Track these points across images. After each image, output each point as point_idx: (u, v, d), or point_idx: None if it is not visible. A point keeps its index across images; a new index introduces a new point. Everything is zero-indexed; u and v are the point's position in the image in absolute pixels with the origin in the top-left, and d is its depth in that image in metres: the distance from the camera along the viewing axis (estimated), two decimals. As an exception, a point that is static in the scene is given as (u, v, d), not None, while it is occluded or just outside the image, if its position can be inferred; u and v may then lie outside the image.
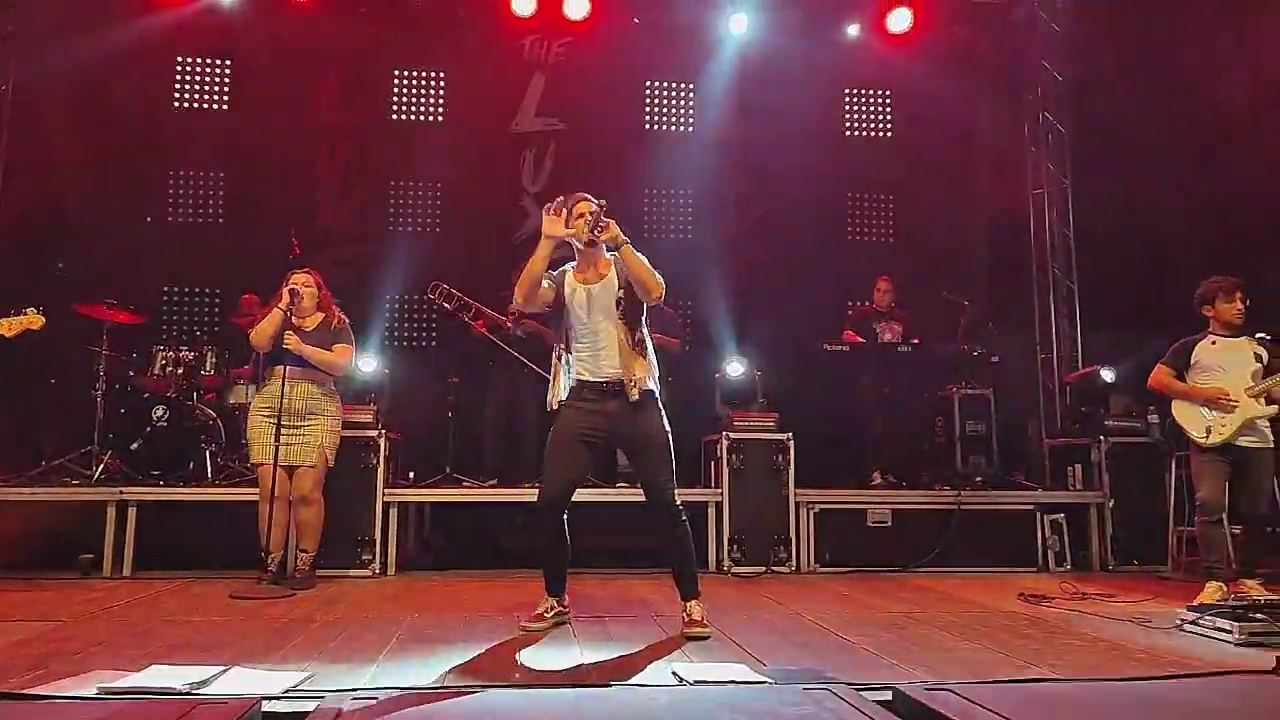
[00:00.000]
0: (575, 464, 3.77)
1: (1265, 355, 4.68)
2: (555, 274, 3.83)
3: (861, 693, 2.44)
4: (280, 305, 4.79)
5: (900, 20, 8.19)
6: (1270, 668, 2.99)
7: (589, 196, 3.79)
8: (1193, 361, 4.79)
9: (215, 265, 7.77)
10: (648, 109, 8.59)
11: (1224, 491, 4.67)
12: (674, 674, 2.94)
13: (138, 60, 7.64)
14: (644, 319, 3.79)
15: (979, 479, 6.51)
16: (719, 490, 5.85)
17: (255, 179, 7.82)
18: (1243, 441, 4.60)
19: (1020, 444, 7.35)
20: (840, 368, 6.84)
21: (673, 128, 8.62)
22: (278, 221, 6.61)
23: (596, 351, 3.74)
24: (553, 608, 3.89)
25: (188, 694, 2.54)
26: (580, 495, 6.00)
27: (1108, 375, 6.78)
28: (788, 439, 5.91)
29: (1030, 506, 6.14)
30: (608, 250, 3.75)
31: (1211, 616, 3.73)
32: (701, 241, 8.41)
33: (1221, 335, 4.76)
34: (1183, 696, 2.55)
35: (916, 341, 6.78)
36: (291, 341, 4.75)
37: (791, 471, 5.87)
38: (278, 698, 2.51)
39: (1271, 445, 4.62)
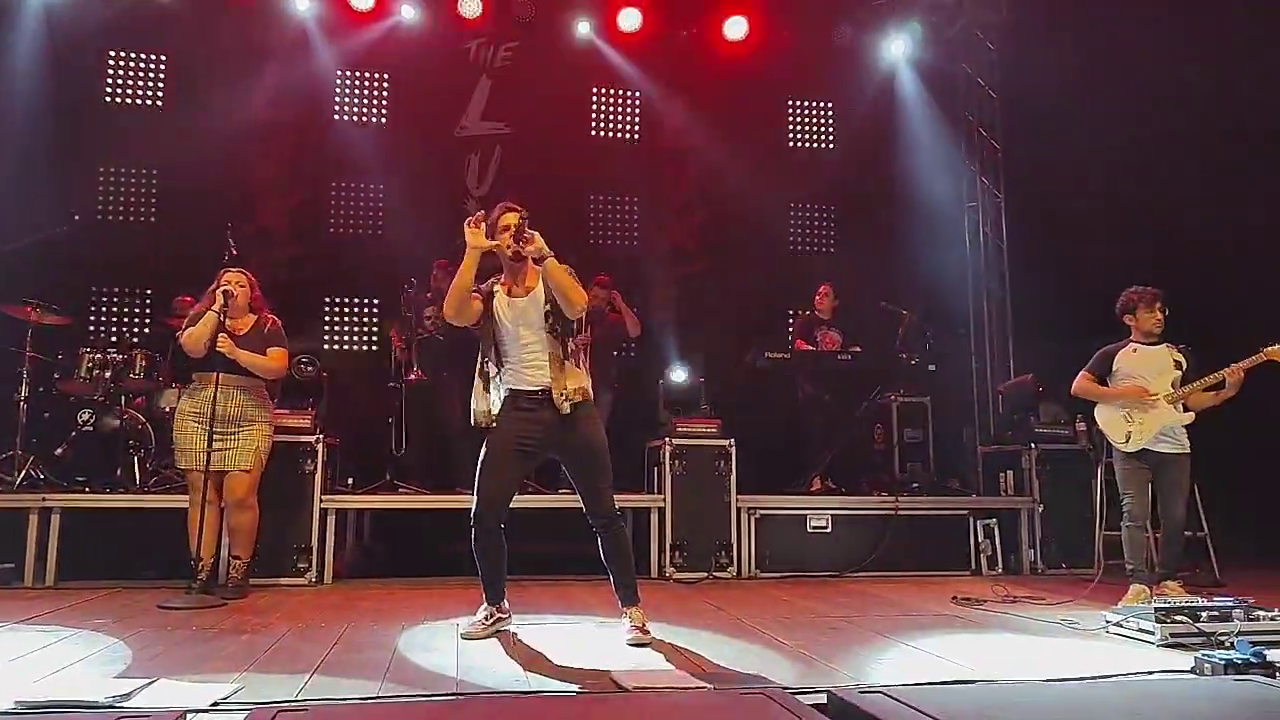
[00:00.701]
0: (511, 473, 3.74)
1: (1184, 362, 4.85)
2: (484, 286, 3.79)
3: (797, 696, 2.47)
4: (214, 307, 4.67)
5: (842, 35, 8.37)
6: (1190, 668, 3.11)
7: (514, 207, 3.77)
8: (1114, 369, 4.95)
9: (146, 265, 7.56)
10: (594, 115, 8.60)
11: (1149, 497, 4.83)
12: (613, 680, 2.94)
13: (68, 53, 7.41)
14: (575, 330, 3.74)
15: (916, 485, 6.65)
16: (661, 496, 5.86)
17: (190, 177, 7.61)
18: (1160, 448, 4.76)
19: (956, 451, 7.51)
20: (781, 375, 6.93)
21: (618, 135, 8.63)
22: (213, 221, 6.45)
23: (527, 365, 3.70)
24: (492, 615, 3.85)
25: (109, 708, 2.46)
26: (524, 501, 6.04)
27: (1035, 385, 6.98)
28: (730, 445, 5.95)
29: (964, 512, 6.28)
30: (534, 262, 3.69)
31: (1135, 619, 3.85)
32: (646, 249, 8.44)
33: (1142, 343, 4.93)
34: (1108, 696, 2.63)
35: (856, 350, 6.91)
36: (225, 345, 4.62)
37: (733, 477, 5.92)
38: (204, 711, 2.45)
39: (1187, 451, 4.78)
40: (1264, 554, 6.41)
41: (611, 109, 8.63)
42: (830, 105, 8.97)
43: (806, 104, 8.96)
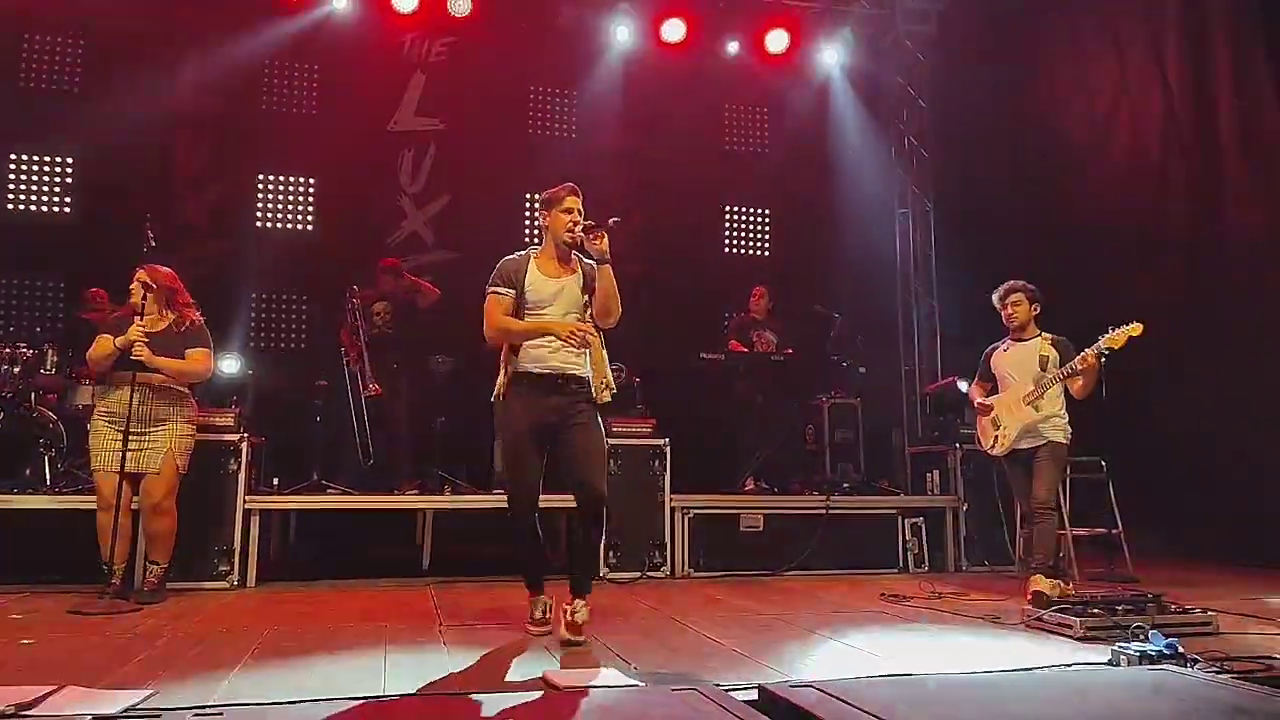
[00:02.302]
0: (535, 461, 3.68)
1: (1054, 355, 4.94)
2: (515, 261, 3.72)
3: (729, 693, 2.47)
4: (133, 301, 4.50)
5: (777, 41, 8.47)
6: (1107, 659, 3.21)
7: (578, 190, 3.72)
8: (991, 369, 5.14)
9: (60, 257, 7.25)
10: (530, 113, 8.54)
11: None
12: (545, 680, 2.91)
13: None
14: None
15: (846, 485, 6.74)
16: (595, 496, 5.83)
17: (108, 166, 7.34)
18: (1024, 445, 4.92)
19: (885, 451, 7.65)
20: (715, 376, 6.97)
21: (555, 133, 8.59)
22: (132, 212, 6.21)
23: (557, 348, 3.61)
24: (550, 607, 3.83)
25: (11, 716, 2.34)
26: (455, 503, 5.98)
27: (963, 386, 7.14)
28: (664, 445, 5.96)
29: (893, 511, 6.40)
30: (593, 260, 3.65)
31: (1055, 613, 3.96)
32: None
33: (1014, 341, 5.10)
34: (1031, 687, 2.70)
35: (789, 352, 6.99)
36: (143, 354, 4.43)
37: (667, 477, 5.92)
38: (113, 718, 2.34)
39: (1049, 441, 4.89)
40: (1174, 551, 6.68)
41: (549, 108, 8.58)
42: (765, 110, 9.07)
43: (743, 108, 9.04)
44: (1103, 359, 4.72)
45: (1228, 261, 6.63)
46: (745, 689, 2.58)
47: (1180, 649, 3.14)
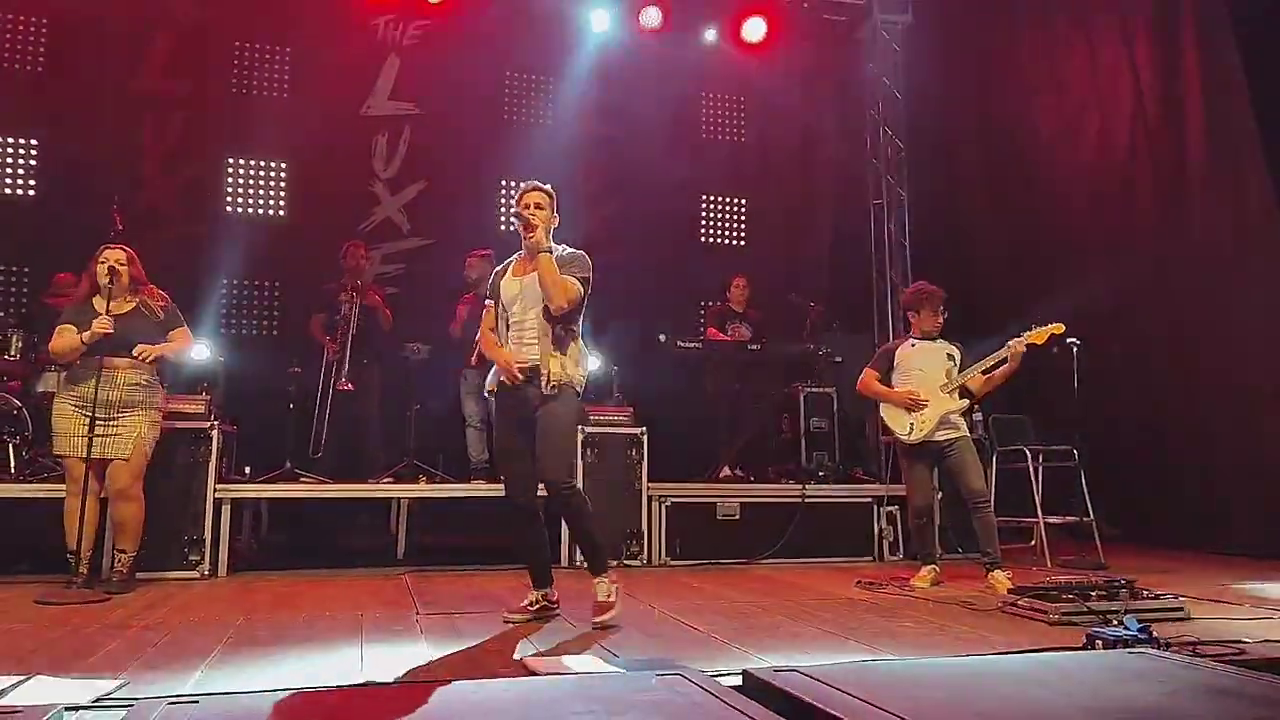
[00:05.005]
0: (523, 450, 3.76)
1: (958, 355, 5.10)
2: (499, 268, 3.96)
3: (713, 678, 2.46)
4: (102, 282, 4.41)
5: (754, 30, 8.45)
6: (1080, 644, 3.24)
7: (540, 186, 3.86)
8: (895, 363, 5.20)
9: (24, 240, 7.08)
10: (505, 99, 8.45)
11: (931, 491, 5.18)
12: (525, 666, 2.88)
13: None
14: (570, 320, 3.80)
15: (822, 473, 6.76)
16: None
17: (73, 149, 7.17)
18: (940, 436, 4.99)
19: (860, 440, 7.68)
20: (692, 365, 6.96)
21: (530, 120, 8.51)
22: (97, 195, 6.09)
23: (523, 343, 3.78)
24: (537, 601, 3.85)
25: (-22, 706, 2.28)
26: (430, 492, 5.93)
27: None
28: (641, 433, 5.95)
29: (868, 499, 6.43)
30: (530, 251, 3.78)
31: (1029, 599, 4.00)
32: (559, 236, 8.31)
33: (921, 339, 5.18)
34: (1005, 670, 2.71)
35: (765, 340, 7.00)
36: (148, 352, 4.48)
37: (644, 465, 5.91)
38: (84, 707, 2.29)
39: (966, 434, 5.05)
40: (1141, 538, 6.79)
41: (524, 94, 8.50)
42: (743, 99, 9.05)
43: (720, 96, 9.02)
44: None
45: (1195, 254, 6.72)
46: (729, 674, 2.57)
47: (1154, 633, 3.18)
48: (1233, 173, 6.47)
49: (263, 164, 7.82)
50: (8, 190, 7.27)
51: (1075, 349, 5.94)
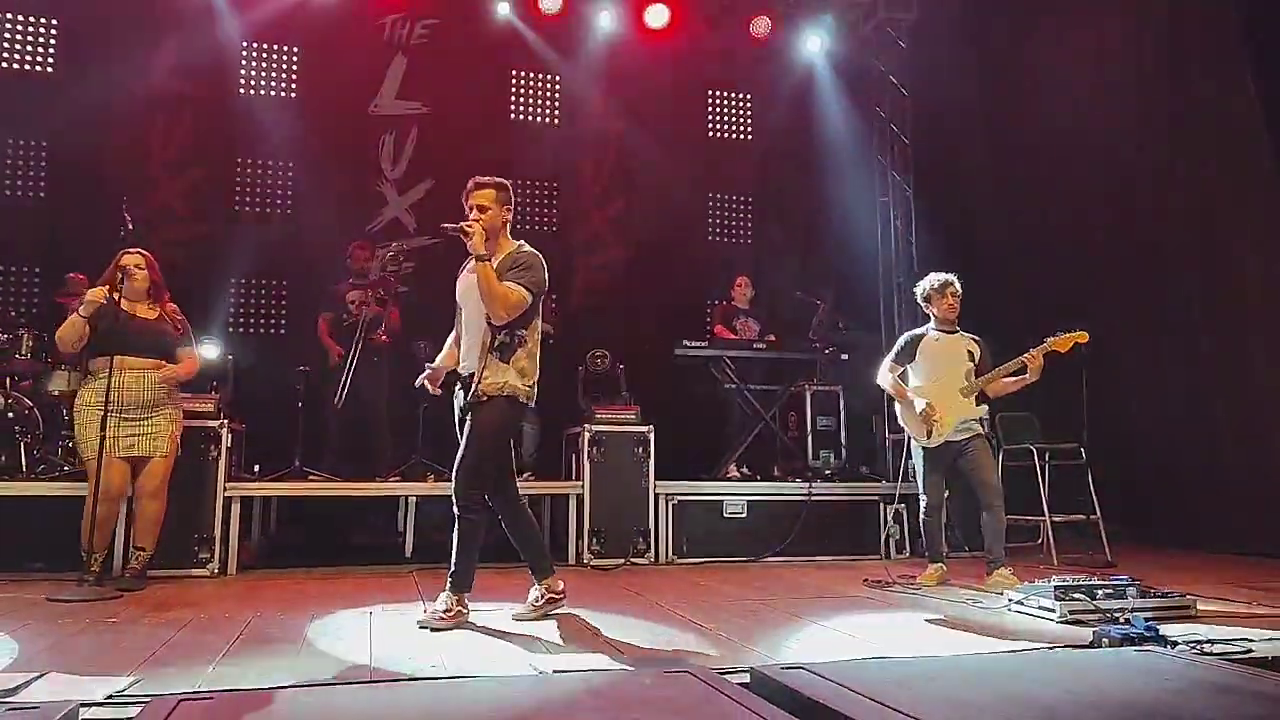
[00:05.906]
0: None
1: (977, 352, 5.05)
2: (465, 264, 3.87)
3: (721, 675, 2.48)
4: (103, 285, 4.45)
5: (761, 27, 8.47)
6: (1088, 642, 3.25)
7: (484, 183, 3.76)
8: (917, 357, 5.11)
9: (36, 241, 7.13)
10: (513, 98, 8.47)
11: (943, 489, 5.13)
12: (531, 666, 2.90)
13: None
14: (518, 326, 3.64)
15: (828, 472, 6.78)
16: (580, 483, 5.82)
17: (83, 150, 7.20)
18: (958, 437, 4.97)
19: (866, 438, 7.68)
20: (698, 363, 6.97)
21: (538, 119, 8.53)
22: (107, 196, 6.12)
23: (469, 346, 3.73)
24: (542, 595, 3.84)
25: (-6, 703, 2.30)
26: (439, 489, 5.94)
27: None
28: (649, 431, 5.96)
29: (874, 498, 6.43)
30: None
31: (1036, 597, 4.01)
32: (566, 235, 8.38)
33: (941, 331, 5.12)
34: (1012, 668, 2.72)
35: (772, 339, 7.00)
36: (166, 373, 4.57)
37: (651, 464, 5.92)
38: (99, 704, 2.31)
39: (981, 434, 5.02)
40: (1148, 537, 6.77)
41: (531, 92, 8.52)
42: (749, 97, 9.06)
43: (727, 95, 9.02)
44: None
45: (1202, 251, 6.70)
46: (736, 672, 2.59)
47: (1161, 632, 3.19)
48: (1240, 170, 6.45)
49: (270, 163, 7.85)
50: (19, 192, 7.31)
51: (1083, 347, 5.91)
